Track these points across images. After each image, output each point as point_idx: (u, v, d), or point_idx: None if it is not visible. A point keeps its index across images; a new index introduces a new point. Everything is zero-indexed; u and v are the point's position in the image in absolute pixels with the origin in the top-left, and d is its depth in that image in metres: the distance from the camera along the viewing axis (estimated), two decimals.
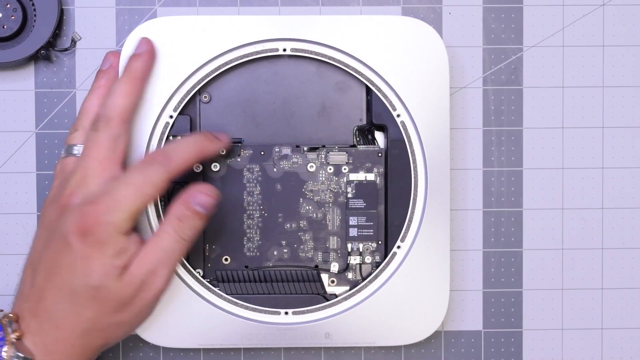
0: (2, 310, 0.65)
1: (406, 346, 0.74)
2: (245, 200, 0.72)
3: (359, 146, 0.72)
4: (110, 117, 0.65)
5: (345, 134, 0.72)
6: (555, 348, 0.75)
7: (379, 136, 0.72)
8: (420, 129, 0.70)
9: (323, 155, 0.72)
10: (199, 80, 0.70)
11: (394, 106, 0.70)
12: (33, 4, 0.71)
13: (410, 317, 0.71)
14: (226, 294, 0.71)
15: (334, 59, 0.70)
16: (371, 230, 0.72)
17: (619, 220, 0.75)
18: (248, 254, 0.72)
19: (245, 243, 0.72)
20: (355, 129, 0.72)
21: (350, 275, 0.72)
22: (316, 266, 0.72)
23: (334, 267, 0.72)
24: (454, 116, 0.74)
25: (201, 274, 0.71)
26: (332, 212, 0.72)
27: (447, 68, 0.70)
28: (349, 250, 0.72)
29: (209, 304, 0.70)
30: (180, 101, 0.70)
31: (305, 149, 0.72)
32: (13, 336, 0.62)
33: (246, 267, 0.72)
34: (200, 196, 0.64)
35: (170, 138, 0.71)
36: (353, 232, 0.72)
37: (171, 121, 0.70)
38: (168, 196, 0.71)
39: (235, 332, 0.70)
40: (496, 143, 0.74)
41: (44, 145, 0.73)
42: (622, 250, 0.75)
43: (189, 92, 0.70)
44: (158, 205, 0.70)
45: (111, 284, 0.62)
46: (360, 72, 0.70)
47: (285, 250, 0.72)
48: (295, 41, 0.70)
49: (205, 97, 0.71)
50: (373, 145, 0.72)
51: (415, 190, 0.71)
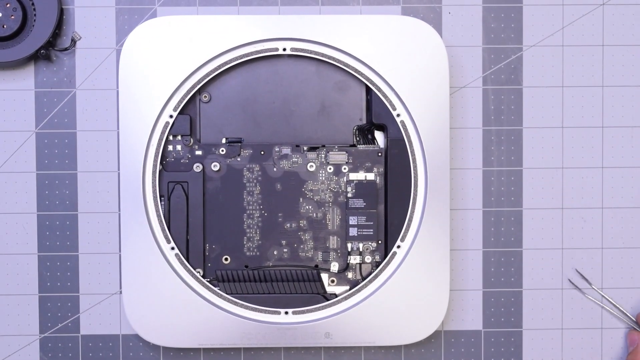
0: None
1: (406, 346, 0.74)
2: (245, 199, 0.72)
3: (358, 146, 0.72)
4: None
5: (345, 133, 0.72)
6: (555, 348, 0.75)
7: (379, 136, 0.72)
8: (420, 129, 0.70)
9: (323, 155, 0.72)
10: (199, 80, 0.70)
11: (394, 106, 0.70)
12: (33, 4, 0.71)
13: (410, 317, 0.71)
14: (226, 294, 0.71)
15: (333, 59, 0.70)
16: (371, 230, 0.72)
17: (619, 219, 0.75)
18: (248, 253, 0.72)
19: (245, 243, 0.72)
20: (355, 128, 0.72)
21: (350, 274, 0.72)
22: (316, 266, 0.72)
23: (334, 267, 0.72)
24: (453, 116, 0.74)
25: (201, 274, 0.71)
26: (332, 212, 0.72)
27: (447, 68, 0.70)
28: (349, 249, 0.72)
29: (209, 303, 0.70)
30: (180, 101, 0.70)
31: (305, 148, 0.72)
32: None
33: (246, 267, 0.72)
34: None
35: (170, 138, 0.71)
36: (353, 232, 0.72)
37: (171, 121, 0.70)
38: (168, 196, 0.71)
39: (235, 332, 0.70)
40: (496, 143, 0.74)
41: (44, 145, 0.73)
42: (622, 250, 0.75)
43: (189, 92, 0.70)
44: (158, 205, 0.70)
45: None
46: (360, 72, 0.70)
47: (285, 249, 0.72)
48: (295, 41, 0.70)
49: (205, 97, 0.71)
50: (373, 145, 0.72)
51: (415, 190, 0.71)
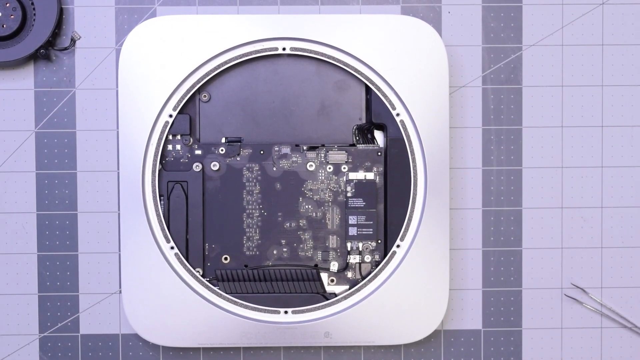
0: None
1: (406, 345, 0.74)
2: (245, 199, 0.72)
3: (358, 145, 0.72)
4: None
5: (344, 133, 0.72)
6: (555, 347, 0.75)
7: (379, 135, 0.72)
8: (419, 128, 0.70)
9: (322, 154, 0.72)
10: (198, 80, 0.70)
11: (394, 105, 0.70)
12: (32, 3, 0.71)
13: (410, 316, 0.71)
14: (226, 293, 0.71)
15: (333, 58, 0.70)
16: (371, 229, 0.72)
17: (618, 219, 0.75)
18: (248, 253, 0.72)
19: (244, 242, 0.72)
20: (354, 128, 0.72)
21: (349, 274, 0.72)
22: (316, 265, 0.72)
23: (334, 266, 0.72)
24: (453, 115, 0.74)
25: (201, 273, 0.71)
26: (332, 211, 0.72)
27: (447, 67, 0.70)
28: (349, 249, 0.72)
29: (209, 303, 0.70)
30: (179, 100, 0.70)
31: (304, 148, 0.72)
32: None
33: (246, 266, 0.72)
34: None
35: (170, 137, 0.71)
36: (352, 231, 0.72)
37: (171, 120, 0.70)
38: (167, 195, 0.71)
39: (235, 331, 0.70)
40: (495, 142, 0.74)
41: (44, 145, 0.73)
42: (621, 249, 0.75)
43: (188, 91, 0.70)
44: (158, 204, 0.70)
45: None
46: (359, 71, 0.70)
47: (284, 249, 0.72)
48: (294, 40, 0.70)
49: (205, 96, 0.71)
50: (372, 145, 0.72)
51: (415, 189, 0.71)
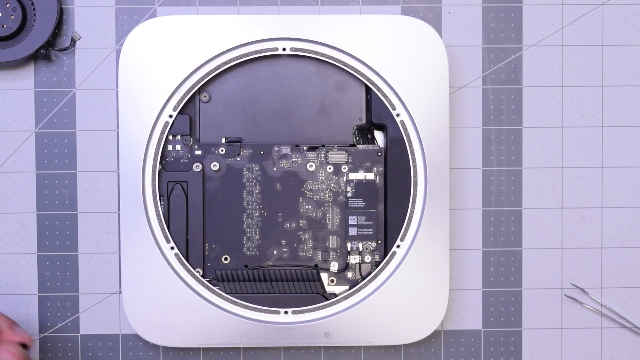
0: None
1: (406, 345, 0.74)
2: (245, 199, 0.72)
3: (358, 145, 0.72)
4: None
5: (344, 133, 0.72)
6: (555, 347, 0.75)
7: (379, 135, 0.72)
8: (419, 129, 0.70)
9: (323, 155, 0.72)
10: (198, 80, 0.70)
11: (394, 105, 0.70)
12: (33, 4, 0.71)
13: (410, 317, 0.71)
14: (226, 293, 0.71)
15: (333, 59, 0.70)
16: (371, 230, 0.72)
17: (618, 219, 0.75)
18: (248, 253, 0.72)
19: (244, 242, 0.72)
20: (354, 128, 0.72)
21: (349, 274, 0.72)
22: (316, 265, 0.72)
23: (334, 267, 0.72)
24: (453, 115, 0.74)
25: (201, 274, 0.71)
26: (332, 212, 0.72)
27: (447, 67, 0.70)
28: (349, 249, 0.72)
29: (209, 303, 0.70)
30: (180, 100, 0.70)
31: (304, 148, 0.72)
32: None
33: (246, 267, 0.72)
34: None
35: (170, 137, 0.71)
36: (352, 232, 0.72)
37: (171, 120, 0.70)
38: (167, 196, 0.71)
39: (235, 332, 0.70)
40: (496, 142, 0.74)
41: (44, 145, 0.73)
42: (621, 250, 0.75)
43: (188, 92, 0.70)
44: (158, 205, 0.70)
45: None
46: (359, 72, 0.70)
47: (284, 249, 0.72)
48: (294, 41, 0.70)
49: (205, 97, 0.71)
50: (372, 145, 0.72)
51: (415, 190, 0.71)
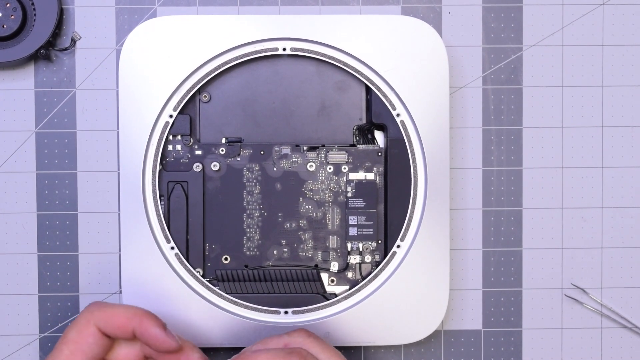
0: None
1: (406, 345, 0.74)
2: (245, 199, 0.72)
3: (358, 145, 0.72)
4: None
5: (345, 133, 0.72)
6: (555, 348, 0.75)
7: (379, 135, 0.72)
8: (419, 129, 0.70)
9: (323, 155, 0.72)
10: (198, 80, 0.70)
11: (394, 105, 0.70)
12: (33, 4, 0.71)
13: (410, 317, 0.71)
14: (226, 294, 0.71)
15: (333, 59, 0.70)
16: (371, 230, 0.72)
17: (619, 219, 0.75)
18: (248, 253, 0.72)
19: (245, 242, 0.72)
20: (355, 128, 0.72)
21: (350, 274, 0.72)
22: (316, 265, 0.72)
23: (334, 267, 0.72)
24: (453, 115, 0.74)
25: (201, 274, 0.71)
26: (332, 212, 0.72)
27: (447, 67, 0.70)
28: (349, 249, 0.72)
29: (209, 303, 0.70)
30: (180, 100, 0.70)
31: (305, 148, 0.72)
32: None
33: (246, 267, 0.72)
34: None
35: (170, 137, 0.71)
36: (353, 232, 0.72)
37: (171, 120, 0.70)
38: (168, 196, 0.71)
39: (235, 332, 0.70)
40: (496, 142, 0.74)
41: (44, 145, 0.73)
42: (622, 250, 0.75)
43: (188, 92, 0.70)
44: (158, 205, 0.70)
45: None
46: (360, 72, 0.70)
47: (285, 249, 0.72)
48: (295, 41, 0.70)
49: (205, 97, 0.71)
50: (373, 145, 0.72)
51: (415, 190, 0.71)
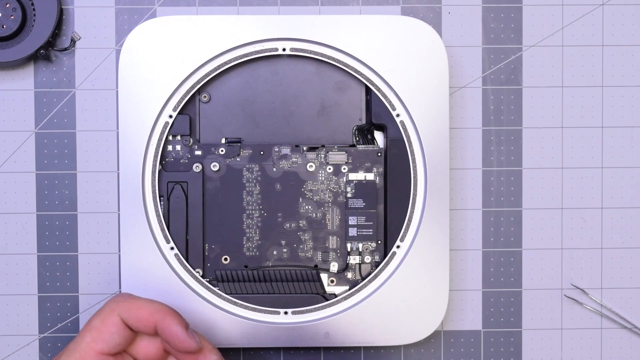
0: None
1: (406, 346, 0.74)
2: (245, 199, 0.72)
3: (358, 146, 0.72)
4: None
5: (344, 133, 0.72)
6: (555, 348, 0.75)
7: (379, 136, 0.72)
8: (419, 129, 0.70)
9: (322, 155, 0.72)
10: (198, 80, 0.70)
11: (394, 106, 0.70)
12: (32, 4, 0.71)
13: (410, 317, 0.71)
14: (226, 294, 0.71)
15: (333, 59, 0.70)
16: (370, 230, 0.72)
17: (619, 219, 0.75)
18: (247, 253, 0.72)
19: (244, 243, 0.72)
20: (354, 128, 0.72)
21: (349, 275, 0.72)
22: (316, 266, 0.72)
23: (334, 267, 0.72)
24: (453, 116, 0.74)
25: (201, 274, 0.71)
26: (332, 212, 0.72)
27: (447, 68, 0.70)
28: (349, 249, 0.72)
29: (209, 303, 0.70)
30: (179, 101, 0.70)
31: (304, 148, 0.72)
32: None
33: (246, 267, 0.72)
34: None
35: (170, 138, 0.71)
36: (352, 232, 0.72)
37: (171, 121, 0.70)
38: (167, 196, 0.71)
39: (235, 332, 0.70)
40: (495, 143, 0.74)
41: (44, 145, 0.73)
42: (622, 250, 0.75)
43: (188, 92, 0.70)
44: (157, 205, 0.70)
45: None
46: (359, 72, 0.70)
47: (284, 250, 0.72)
48: (294, 41, 0.70)
49: (205, 97, 0.71)
50: (372, 145, 0.72)
51: (415, 190, 0.71)
